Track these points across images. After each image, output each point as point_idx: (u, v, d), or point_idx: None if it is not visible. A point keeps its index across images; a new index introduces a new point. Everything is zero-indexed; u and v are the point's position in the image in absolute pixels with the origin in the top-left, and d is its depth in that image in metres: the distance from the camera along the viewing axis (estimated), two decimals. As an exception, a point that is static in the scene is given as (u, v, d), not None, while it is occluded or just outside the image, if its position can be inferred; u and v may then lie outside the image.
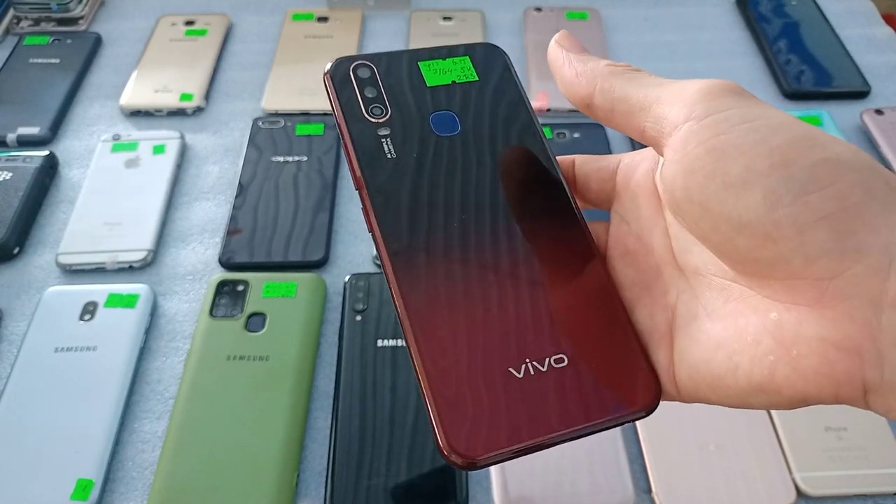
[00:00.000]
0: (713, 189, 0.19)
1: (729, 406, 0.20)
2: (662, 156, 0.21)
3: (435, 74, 0.26)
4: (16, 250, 0.55)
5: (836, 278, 0.17)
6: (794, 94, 0.68)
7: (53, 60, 0.71)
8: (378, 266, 0.55)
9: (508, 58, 0.27)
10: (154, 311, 0.52)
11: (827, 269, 0.17)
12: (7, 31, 0.75)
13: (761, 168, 0.18)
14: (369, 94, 0.25)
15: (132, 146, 0.62)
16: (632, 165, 0.24)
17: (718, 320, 0.20)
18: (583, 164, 0.26)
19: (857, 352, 0.17)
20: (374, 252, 0.55)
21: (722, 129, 0.19)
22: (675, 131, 0.20)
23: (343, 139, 0.24)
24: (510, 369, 0.21)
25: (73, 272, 0.54)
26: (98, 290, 0.52)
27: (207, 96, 0.68)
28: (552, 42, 0.25)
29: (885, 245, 0.17)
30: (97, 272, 0.54)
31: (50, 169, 0.61)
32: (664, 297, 0.23)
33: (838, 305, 0.17)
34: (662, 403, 0.22)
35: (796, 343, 0.18)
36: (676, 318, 0.22)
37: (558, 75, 0.24)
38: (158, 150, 0.62)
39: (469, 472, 0.44)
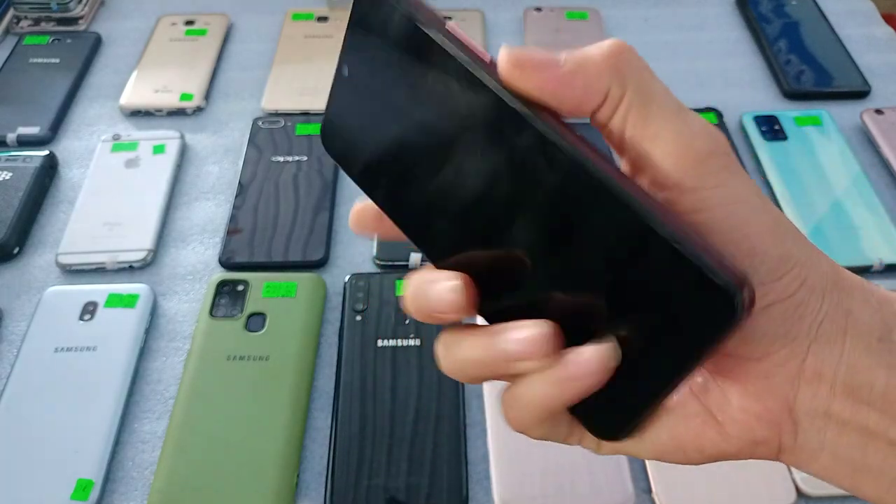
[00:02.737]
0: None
1: (642, 458, 0.21)
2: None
3: None
4: (16, 250, 0.55)
5: (761, 360, 0.19)
6: (794, 94, 0.68)
7: (53, 60, 0.71)
8: (377, 266, 0.55)
9: None
10: (154, 311, 0.52)
11: (756, 352, 0.19)
12: (7, 31, 0.75)
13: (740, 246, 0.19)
14: None
15: (132, 146, 0.62)
16: None
17: None
18: None
19: (777, 424, 0.19)
20: (374, 252, 0.55)
21: (705, 206, 0.19)
22: (656, 188, 0.19)
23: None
24: None
25: (73, 272, 0.54)
26: (98, 290, 0.52)
27: (207, 96, 0.68)
28: (513, 55, 0.19)
29: (808, 331, 0.19)
30: (97, 272, 0.54)
31: (50, 169, 0.61)
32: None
33: (762, 383, 0.19)
34: None
35: (721, 410, 0.20)
36: None
37: (534, 83, 0.19)
38: (158, 150, 0.62)
39: (469, 472, 0.44)
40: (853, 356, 0.19)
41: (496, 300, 0.21)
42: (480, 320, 0.22)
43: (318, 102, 0.66)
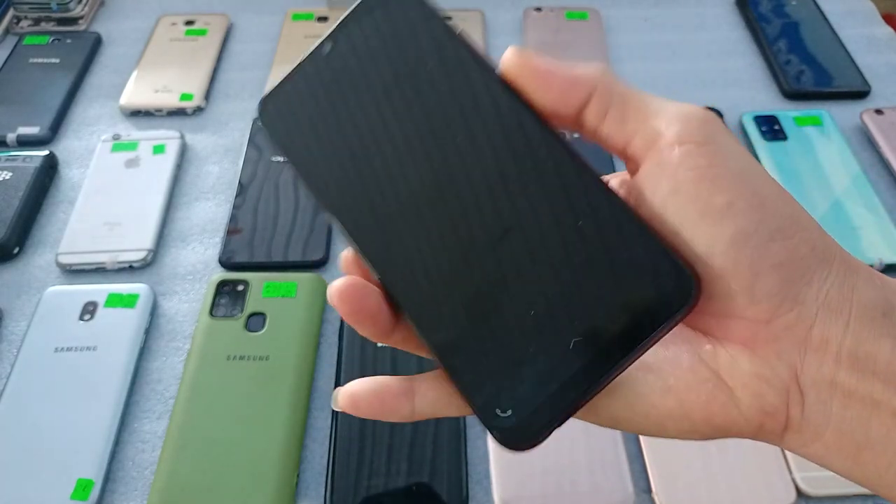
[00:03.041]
0: (691, 213, 0.20)
1: (634, 431, 0.21)
2: (638, 169, 0.21)
3: None
4: (16, 250, 0.55)
5: (770, 322, 0.19)
6: (794, 94, 0.68)
7: (53, 60, 0.71)
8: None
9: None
10: (154, 311, 0.52)
11: (765, 313, 0.19)
12: (7, 31, 0.75)
13: (740, 207, 0.19)
14: None
15: (132, 146, 0.62)
16: None
17: None
18: None
19: (785, 389, 0.19)
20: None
21: (716, 160, 0.20)
22: (669, 148, 0.20)
23: None
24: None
25: (73, 272, 0.54)
26: (98, 290, 0.52)
27: (207, 96, 0.68)
28: (516, 53, 0.22)
29: (815, 296, 0.19)
30: (97, 272, 0.54)
31: (50, 169, 0.61)
32: None
33: (770, 347, 0.19)
34: None
35: (731, 375, 0.20)
36: None
37: (547, 80, 0.22)
38: (158, 150, 0.62)
39: (469, 472, 0.44)
40: (858, 327, 0.19)
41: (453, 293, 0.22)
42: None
43: (318, 102, 0.66)
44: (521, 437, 0.20)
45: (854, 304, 0.19)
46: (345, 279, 0.22)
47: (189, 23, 0.75)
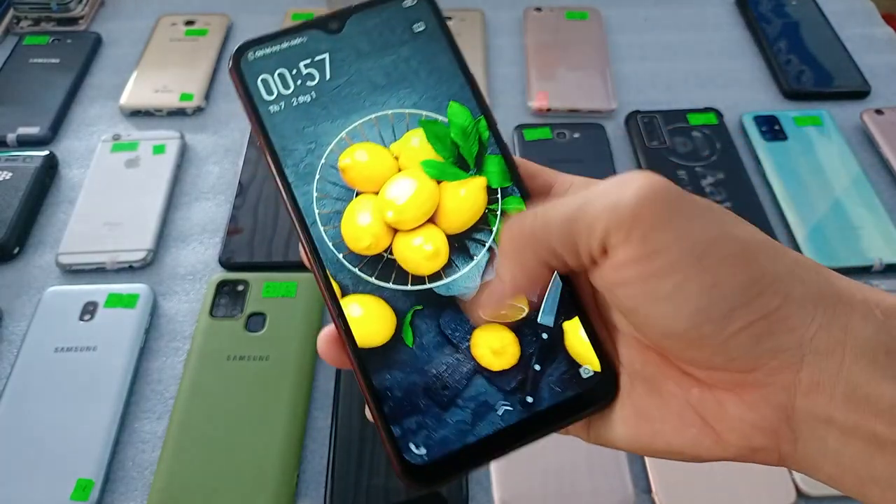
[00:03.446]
0: (644, 304, 0.20)
1: (633, 452, 0.22)
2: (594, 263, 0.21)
3: None
4: (16, 250, 0.55)
5: (753, 371, 0.19)
6: (794, 94, 0.68)
7: (53, 60, 0.71)
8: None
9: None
10: (154, 311, 0.52)
11: (745, 366, 0.19)
12: (7, 31, 0.75)
13: (691, 290, 0.19)
14: None
15: (132, 146, 0.62)
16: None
17: (640, 382, 0.22)
18: (520, 166, 0.25)
19: (774, 432, 0.19)
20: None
21: (656, 256, 0.19)
22: (610, 270, 0.20)
23: None
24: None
25: (73, 272, 0.54)
26: (98, 290, 0.52)
27: (207, 96, 0.68)
28: (484, 310, 0.23)
29: (799, 342, 0.19)
30: (97, 272, 0.54)
31: (50, 169, 0.61)
32: None
33: (757, 392, 0.19)
34: None
35: (718, 420, 0.20)
36: None
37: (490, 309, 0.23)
38: (158, 150, 0.62)
39: (469, 473, 0.44)
40: (855, 369, 0.18)
41: None
42: None
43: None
44: (425, 476, 0.22)
45: (848, 343, 0.19)
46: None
47: (189, 23, 0.75)
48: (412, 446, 0.22)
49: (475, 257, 0.23)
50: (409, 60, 0.25)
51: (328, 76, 0.24)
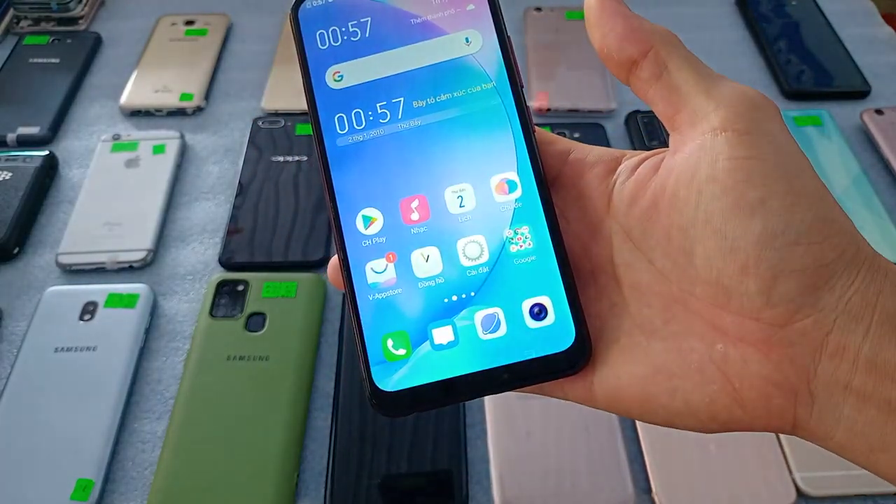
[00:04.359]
0: (723, 203, 0.20)
1: (646, 422, 0.21)
2: (680, 143, 0.21)
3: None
4: (16, 250, 0.55)
5: (786, 326, 0.19)
6: (794, 94, 0.68)
7: (53, 60, 0.71)
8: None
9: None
10: (154, 311, 0.52)
11: (782, 317, 0.19)
12: (7, 31, 0.75)
13: (772, 205, 0.19)
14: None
15: (132, 146, 0.62)
16: (584, 163, 0.24)
17: (658, 340, 0.21)
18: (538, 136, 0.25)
19: (793, 392, 0.19)
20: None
21: (755, 152, 0.20)
22: (712, 134, 0.20)
23: None
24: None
25: (73, 272, 0.54)
26: (98, 290, 0.52)
27: (207, 96, 0.68)
28: None
29: (836, 303, 0.19)
30: (97, 272, 0.54)
31: (50, 169, 0.61)
32: (595, 304, 0.23)
33: (783, 351, 0.19)
34: None
35: (739, 377, 0.20)
36: (606, 330, 0.22)
37: (607, 26, 0.22)
38: (158, 150, 0.62)
39: (469, 472, 0.44)
40: (879, 333, 0.19)
41: None
42: None
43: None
44: (396, 404, 0.22)
45: (877, 309, 0.19)
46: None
47: (189, 23, 0.75)
48: (390, 376, 0.22)
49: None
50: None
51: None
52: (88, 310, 0.50)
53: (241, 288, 0.51)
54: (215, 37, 0.73)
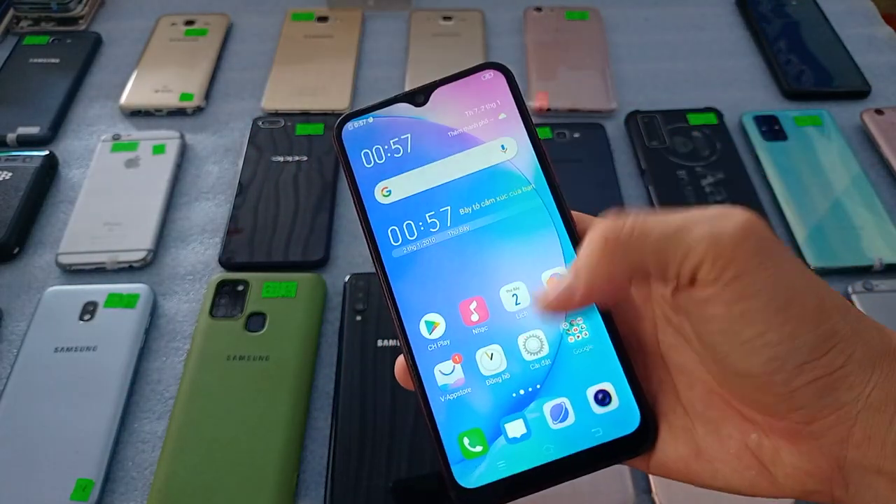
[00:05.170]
0: (723, 341, 0.21)
1: (692, 485, 0.23)
2: (678, 287, 0.22)
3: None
4: (16, 250, 0.55)
5: (811, 424, 0.20)
6: (794, 94, 0.68)
7: (53, 60, 0.71)
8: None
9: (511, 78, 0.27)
10: (154, 311, 0.52)
11: (805, 417, 0.20)
12: (7, 31, 0.75)
13: (771, 339, 0.20)
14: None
15: (132, 146, 0.62)
16: None
17: (700, 424, 0.23)
18: (578, 223, 0.26)
19: (828, 479, 0.21)
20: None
21: (747, 293, 0.20)
22: (700, 288, 0.21)
23: None
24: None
25: (73, 272, 0.54)
26: (98, 290, 0.52)
27: (207, 96, 0.68)
28: (544, 304, 0.24)
29: (856, 399, 0.20)
30: (97, 272, 0.54)
31: (50, 169, 0.61)
32: (645, 381, 0.24)
33: (812, 443, 0.21)
34: None
35: (774, 464, 0.21)
36: (657, 405, 0.24)
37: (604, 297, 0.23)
38: (158, 150, 0.62)
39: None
40: None
41: None
42: None
43: (318, 102, 0.66)
44: (479, 499, 0.23)
45: None
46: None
47: (189, 23, 0.75)
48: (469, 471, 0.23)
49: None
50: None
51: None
52: (88, 310, 0.50)
53: (241, 288, 0.51)
54: (215, 37, 0.73)
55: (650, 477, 0.44)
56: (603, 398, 0.23)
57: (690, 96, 0.68)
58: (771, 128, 0.64)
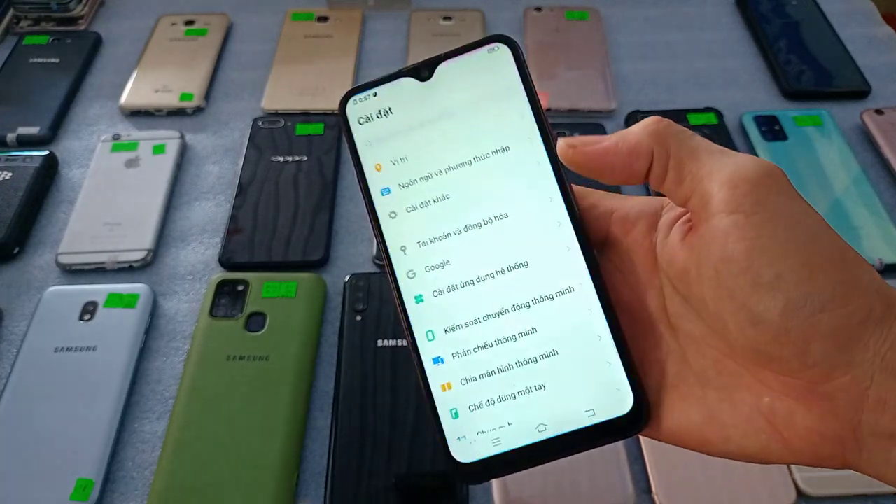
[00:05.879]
0: (742, 283, 0.20)
1: (704, 453, 0.23)
2: (698, 226, 0.22)
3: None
4: (16, 250, 0.55)
5: (824, 383, 0.20)
6: (794, 94, 0.68)
7: (53, 60, 0.71)
8: (379, 267, 0.55)
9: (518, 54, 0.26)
10: (154, 311, 0.52)
11: (819, 376, 0.20)
12: (7, 31, 0.75)
13: (790, 279, 0.20)
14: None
15: (132, 146, 0.62)
16: (628, 219, 0.25)
17: (713, 390, 0.22)
18: (579, 198, 0.26)
19: (841, 441, 0.20)
20: (375, 251, 0.55)
21: (765, 230, 0.20)
22: (718, 217, 0.21)
23: None
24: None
25: (73, 272, 0.54)
26: (98, 290, 0.52)
27: (207, 96, 0.68)
28: (567, 148, 0.24)
29: (871, 359, 0.19)
30: (97, 272, 0.54)
31: (50, 169, 0.61)
32: (655, 350, 0.24)
33: (825, 404, 0.20)
34: None
35: (787, 428, 0.21)
36: (667, 375, 0.24)
37: (607, 164, 0.23)
38: (158, 150, 0.62)
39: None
40: None
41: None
42: None
43: (318, 102, 0.66)
44: (474, 473, 0.23)
45: None
46: None
47: (189, 23, 0.75)
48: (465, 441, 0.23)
49: None
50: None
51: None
52: (88, 310, 0.50)
53: (241, 288, 0.51)
54: (215, 37, 0.73)
55: (650, 477, 0.44)
56: (597, 379, 0.23)
57: (690, 96, 0.68)
58: (771, 128, 0.64)
